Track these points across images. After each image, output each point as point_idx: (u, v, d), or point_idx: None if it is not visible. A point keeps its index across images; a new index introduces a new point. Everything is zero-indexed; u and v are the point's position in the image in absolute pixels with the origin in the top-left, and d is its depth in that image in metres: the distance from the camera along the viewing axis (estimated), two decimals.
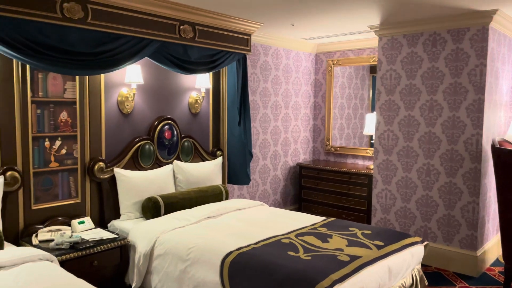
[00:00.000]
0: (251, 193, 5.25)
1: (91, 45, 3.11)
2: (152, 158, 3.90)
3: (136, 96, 3.78)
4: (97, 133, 3.52)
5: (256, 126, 5.24)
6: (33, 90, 3.11)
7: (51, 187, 3.28)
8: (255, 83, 5.18)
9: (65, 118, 3.33)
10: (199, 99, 4.31)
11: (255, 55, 5.12)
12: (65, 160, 3.35)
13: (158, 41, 3.55)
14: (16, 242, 3.03)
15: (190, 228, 3.26)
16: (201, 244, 2.92)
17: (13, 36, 2.69)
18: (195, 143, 4.30)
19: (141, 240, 3.15)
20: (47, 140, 3.23)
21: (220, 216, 3.61)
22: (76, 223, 3.25)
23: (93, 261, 2.96)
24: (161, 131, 3.95)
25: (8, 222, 2.98)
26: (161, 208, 3.56)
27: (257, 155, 5.28)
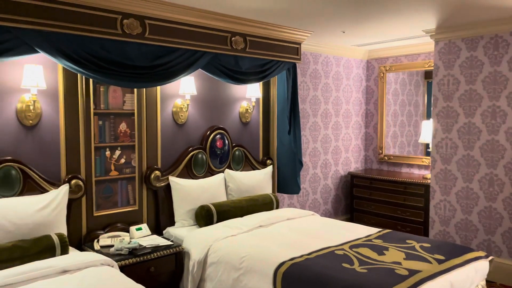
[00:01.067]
0: (301, 203, 5.21)
1: (148, 59, 3.25)
2: (204, 167, 3.98)
3: (190, 106, 3.88)
4: (153, 143, 3.65)
5: (306, 135, 5.21)
6: (95, 102, 3.30)
7: (111, 194, 3.43)
8: (305, 92, 5.15)
9: (124, 129, 3.48)
10: (250, 108, 4.36)
11: (305, 63, 5.10)
12: (124, 169, 3.50)
13: (211, 53, 3.64)
14: (79, 247, 3.19)
15: (242, 237, 3.27)
16: (253, 253, 2.93)
17: (78, 52, 2.87)
18: (245, 152, 4.34)
19: (195, 248, 3.21)
20: (108, 150, 3.40)
21: (272, 225, 3.60)
22: (134, 229, 3.38)
23: (150, 267, 3.06)
24: (213, 141, 4.03)
25: (72, 227, 3.16)
26: (213, 216, 3.61)
27: (307, 164, 5.24)
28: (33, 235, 2.72)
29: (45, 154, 3.04)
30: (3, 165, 2.79)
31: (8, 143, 2.87)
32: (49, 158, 3.06)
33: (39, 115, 3.00)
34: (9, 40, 2.59)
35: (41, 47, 2.69)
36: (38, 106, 2.97)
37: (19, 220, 2.70)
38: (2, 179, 2.78)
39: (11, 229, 2.66)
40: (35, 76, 2.84)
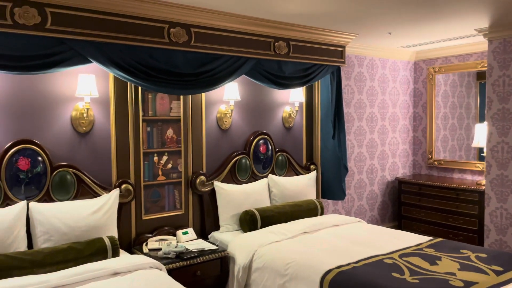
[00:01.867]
0: (346, 209, 5.10)
1: (194, 66, 3.32)
2: (248, 172, 3.99)
3: (234, 112, 3.92)
4: (198, 148, 3.72)
5: (351, 139, 5.10)
6: (144, 109, 3.40)
7: (158, 199, 3.52)
8: (349, 95, 5.05)
9: (171, 135, 3.57)
10: (293, 113, 4.33)
11: (349, 66, 5.01)
12: (171, 174, 3.58)
13: (254, 59, 3.66)
14: (129, 249, 3.29)
15: (287, 243, 3.25)
16: (299, 259, 2.89)
17: (128, 61, 2.98)
18: (289, 157, 4.31)
19: (240, 253, 3.22)
20: (156, 155, 3.49)
21: (316, 231, 3.55)
22: (180, 233, 3.44)
23: (196, 271, 3.10)
24: (256, 146, 4.04)
25: (123, 230, 3.26)
26: (257, 222, 3.61)
27: (352, 169, 5.12)
28: (86, 238, 2.83)
29: (97, 160, 3.17)
30: (59, 170, 2.94)
31: (63, 149, 3.02)
32: (101, 163, 3.19)
33: (92, 122, 3.13)
34: (64, 51, 2.73)
35: (94, 57, 2.82)
36: (91, 113, 3.11)
37: (73, 223, 2.83)
38: (58, 184, 2.93)
39: (66, 232, 2.79)
40: (88, 85, 2.97)
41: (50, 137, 2.95)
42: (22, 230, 2.68)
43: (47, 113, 2.94)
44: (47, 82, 2.93)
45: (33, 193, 2.83)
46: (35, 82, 2.88)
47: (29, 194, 2.82)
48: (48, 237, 2.74)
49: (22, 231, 2.68)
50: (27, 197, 2.81)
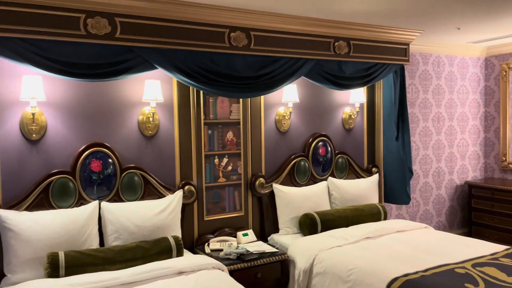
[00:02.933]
0: (411, 214, 4.87)
1: (253, 69, 3.34)
2: (307, 175, 3.95)
3: (292, 114, 3.89)
4: (257, 151, 3.74)
5: (416, 141, 4.87)
6: (205, 113, 3.48)
7: (219, 200, 3.59)
8: (413, 95, 4.83)
9: (231, 138, 3.62)
10: (353, 114, 4.22)
11: (413, 64, 4.79)
12: (231, 176, 3.63)
13: (314, 60, 3.61)
14: (192, 249, 3.38)
15: (349, 248, 3.16)
16: (362, 266, 2.80)
17: (190, 66, 3.07)
18: (349, 159, 4.20)
19: (301, 257, 3.18)
20: (216, 157, 3.56)
21: (380, 237, 3.41)
22: (241, 235, 3.48)
23: (257, 273, 3.11)
24: (315, 148, 3.98)
25: (186, 231, 3.36)
26: (317, 225, 3.55)
27: (417, 172, 4.88)
28: (152, 237, 2.95)
29: (162, 162, 3.29)
30: (128, 171, 3.09)
31: (131, 152, 3.17)
32: (166, 165, 3.31)
33: (157, 126, 3.26)
34: (132, 58, 2.87)
35: (159, 63, 2.94)
36: (156, 117, 3.24)
37: (140, 222, 2.95)
38: (127, 184, 3.08)
39: (134, 231, 2.92)
40: (154, 90, 3.10)
41: (119, 140, 3.11)
42: (95, 229, 2.85)
43: (116, 118, 3.10)
44: (116, 89, 3.10)
45: (104, 193, 3.00)
46: (106, 89, 3.06)
47: (101, 194, 2.99)
48: (117, 236, 2.88)
49: (95, 229, 2.85)
50: (99, 197, 2.98)
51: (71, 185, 2.87)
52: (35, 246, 2.57)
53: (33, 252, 2.56)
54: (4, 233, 2.57)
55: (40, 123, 2.80)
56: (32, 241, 2.57)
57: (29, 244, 2.56)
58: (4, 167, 2.71)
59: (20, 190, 2.75)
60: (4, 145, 2.71)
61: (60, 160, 2.89)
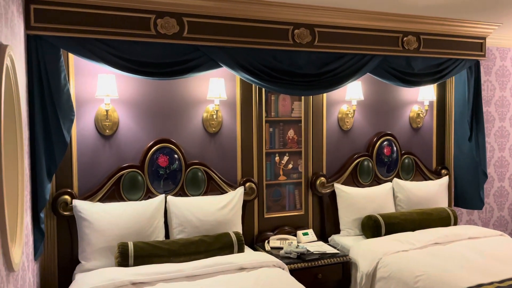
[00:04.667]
0: (483, 220, 4.54)
1: (316, 66, 3.28)
2: (371, 175, 3.81)
3: (356, 112, 3.78)
4: (319, 149, 3.67)
5: (491, 142, 4.52)
6: (267, 111, 3.48)
7: (279, 198, 3.58)
8: (489, 92, 4.49)
9: (292, 136, 3.59)
10: (422, 112, 4.00)
11: (489, 60, 4.45)
12: (291, 174, 3.60)
13: (380, 56, 3.48)
14: (252, 245, 3.40)
15: (415, 253, 3.01)
16: (430, 273, 2.65)
17: (253, 64, 3.08)
18: (416, 160, 4.00)
19: (363, 259, 3.08)
20: (277, 155, 3.55)
21: (449, 243, 3.22)
22: (301, 234, 3.45)
23: (318, 273, 3.06)
24: (380, 147, 3.84)
25: (246, 227, 3.38)
26: (381, 228, 3.42)
27: (492, 176, 4.54)
28: (214, 231, 3.01)
29: (224, 158, 3.35)
30: (192, 167, 3.18)
31: (195, 148, 3.25)
32: (228, 162, 3.36)
33: (220, 123, 3.31)
34: (198, 57, 2.93)
35: (223, 61, 2.98)
36: (219, 115, 3.29)
37: (203, 216, 3.03)
38: (191, 180, 3.17)
39: (197, 225, 3.00)
40: (218, 88, 3.15)
41: (184, 137, 3.20)
42: (161, 221, 2.96)
43: (182, 115, 3.20)
44: (183, 87, 3.19)
45: (170, 187, 3.11)
46: (173, 87, 3.16)
47: (167, 188, 3.10)
48: (182, 229, 2.98)
49: (161, 222, 2.96)
50: (165, 191, 3.10)
51: (140, 179, 3.00)
52: (107, 235, 2.72)
53: (105, 241, 2.72)
54: (80, 222, 2.75)
55: (113, 119, 2.96)
56: (104, 231, 2.72)
57: (101, 233, 2.72)
58: (80, 160, 2.90)
59: (94, 182, 2.93)
60: (81, 140, 2.90)
61: (130, 155, 3.03)
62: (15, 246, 1.78)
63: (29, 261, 2.24)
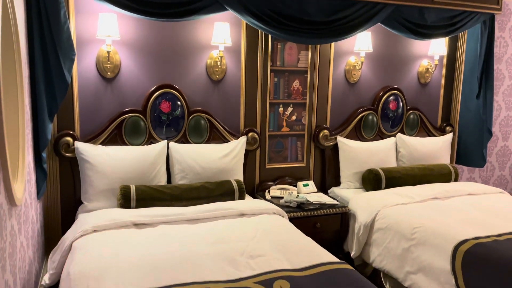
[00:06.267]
0: (483, 178, 4.56)
1: (326, 14, 3.15)
2: (374, 130, 3.79)
3: (364, 64, 3.68)
4: (323, 102, 3.62)
5: (498, 100, 4.45)
6: (272, 59, 3.39)
7: (281, 149, 3.57)
8: (501, 49, 4.36)
9: (297, 86, 3.52)
10: (431, 67, 3.90)
11: (504, 15, 4.28)
12: (295, 126, 3.57)
13: (393, 5, 3.33)
14: (252, 194, 3.44)
15: (414, 207, 3.03)
16: (428, 225, 2.68)
17: (261, 9, 2.95)
18: (421, 116, 3.95)
19: (362, 211, 3.12)
20: (281, 106, 3.50)
21: (449, 198, 3.24)
22: (301, 185, 3.47)
23: (316, 223, 3.11)
24: (386, 102, 3.78)
25: (248, 177, 3.40)
26: (381, 181, 3.43)
27: (496, 135, 4.50)
28: (216, 179, 3.02)
29: (228, 107, 3.30)
30: (195, 114, 3.14)
31: (199, 96, 3.19)
32: (231, 111, 3.31)
33: (224, 70, 3.24)
34: None
35: (230, 4, 2.85)
36: (224, 62, 3.21)
37: (205, 164, 3.03)
38: (194, 127, 3.14)
39: (199, 172, 3.01)
40: (223, 33, 3.05)
41: (188, 83, 3.14)
42: (163, 167, 2.97)
43: (185, 60, 3.12)
44: (187, 31, 3.08)
45: (172, 134, 3.09)
46: (176, 31, 3.05)
47: (169, 135, 3.08)
48: (184, 175, 2.99)
49: (163, 168, 2.97)
50: (167, 138, 3.08)
51: (142, 124, 2.98)
52: (109, 178, 2.73)
53: (107, 183, 2.73)
54: (82, 164, 2.76)
55: (115, 62, 2.89)
56: (106, 173, 2.73)
57: (104, 176, 2.73)
58: (82, 102, 2.86)
59: (96, 125, 2.91)
60: (82, 82, 2.84)
61: (132, 99, 2.99)
62: (17, 181, 1.78)
63: (32, 199, 2.26)
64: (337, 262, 2.05)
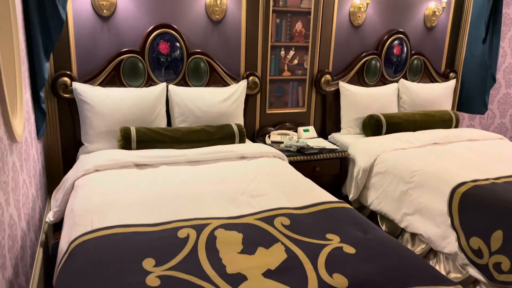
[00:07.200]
0: (483, 125, 4.55)
1: None
2: (377, 75, 3.72)
3: (369, 6, 3.55)
4: (326, 45, 3.52)
5: (504, 46, 4.34)
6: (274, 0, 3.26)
7: (282, 94, 3.52)
8: None
9: (299, 29, 3.41)
10: (438, 10, 3.77)
11: None
12: (296, 70, 3.50)
13: None
14: (252, 139, 3.44)
15: (414, 151, 3.05)
16: (427, 169, 2.71)
17: None
18: (425, 61, 3.88)
19: (361, 155, 3.14)
20: (283, 49, 3.41)
21: (448, 144, 3.25)
22: (301, 130, 3.47)
23: (316, 167, 3.13)
24: (390, 47, 3.69)
25: (248, 121, 3.38)
26: (382, 127, 3.43)
27: (499, 82, 4.45)
28: (216, 123, 3.00)
29: (228, 50, 3.21)
30: (194, 56, 3.06)
31: (198, 36, 3.10)
32: (231, 53, 3.23)
33: (224, 11, 3.11)
34: None
35: None
36: (224, 1, 3.08)
37: (205, 107, 3.00)
38: (193, 70, 3.08)
39: (200, 115, 2.98)
40: None
41: (186, 23, 3.03)
42: (163, 109, 2.94)
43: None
44: None
45: (171, 76, 3.03)
46: None
47: (168, 77, 3.02)
48: (184, 118, 2.97)
49: (163, 110, 2.94)
50: (166, 80, 3.02)
51: (140, 66, 2.91)
52: (109, 119, 2.71)
53: (107, 125, 2.72)
54: (81, 105, 2.72)
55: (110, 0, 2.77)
56: (106, 115, 2.71)
57: (103, 117, 2.71)
58: (78, 41, 2.77)
59: (93, 66, 2.84)
60: (77, 20, 2.74)
61: (130, 39, 2.90)
62: (16, 118, 1.76)
63: (32, 139, 2.25)
64: (336, 201, 2.08)
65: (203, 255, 1.53)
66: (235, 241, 1.63)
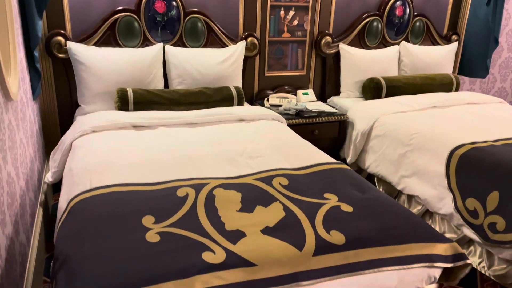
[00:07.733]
0: (484, 89, 4.52)
1: None
2: (378, 37, 3.65)
3: None
4: (327, 5, 3.43)
5: (508, 9, 4.24)
6: None
7: (282, 57, 3.46)
8: None
9: None
10: None
11: None
12: (296, 32, 3.42)
13: None
14: (251, 102, 3.41)
15: (413, 114, 3.03)
16: (426, 131, 2.70)
17: None
18: (428, 23, 3.79)
19: (360, 119, 3.12)
20: (282, 9, 3.32)
21: (448, 107, 3.22)
22: (301, 93, 3.43)
23: (314, 130, 3.12)
24: (392, 8, 3.60)
25: (246, 85, 3.33)
26: (382, 90, 3.39)
27: (502, 45, 4.37)
28: (214, 85, 2.96)
29: (226, 9, 3.12)
30: (191, 16, 2.98)
31: None
32: (229, 13, 3.14)
33: None
34: None
35: None
36: None
37: (203, 69, 2.95)
38: (190, 30, 3.01)
39: (197, 77, 2.94)
40: None
41: None
42: (160, 71, 2.89)
43: None
44: None
45: (168, 37, 2.96)
46: None
47: (165, 38, 2.96)
48: (181, 80, 2.92)
49: (160, 72, 2.89)
50: (163, 40, 2.96)
51: (136, 25, 2.84)
52: (105, 80, 2.67)
53: (103, 86, 2.68)
54: (76, 65, 2.67)
55: None
56: (102, 76, 2.66)
57: (99, 78, 2.66)
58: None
59: (88, 25, 2.77)
60: None
61: None
62: (10, 76, 1.72)
63: (28, 99, 2.22)
64: (335, 162, 2.09)
65: (202, 213, 1.55)
66: (233, 200, 1.64)
